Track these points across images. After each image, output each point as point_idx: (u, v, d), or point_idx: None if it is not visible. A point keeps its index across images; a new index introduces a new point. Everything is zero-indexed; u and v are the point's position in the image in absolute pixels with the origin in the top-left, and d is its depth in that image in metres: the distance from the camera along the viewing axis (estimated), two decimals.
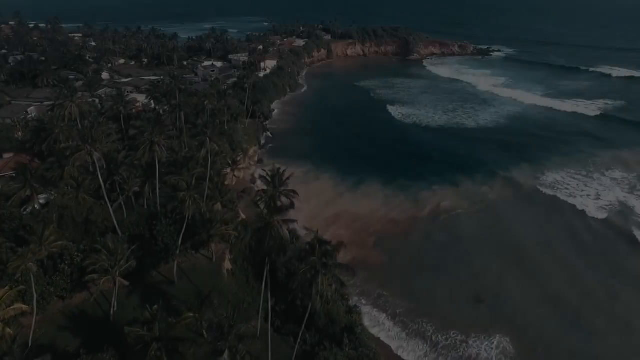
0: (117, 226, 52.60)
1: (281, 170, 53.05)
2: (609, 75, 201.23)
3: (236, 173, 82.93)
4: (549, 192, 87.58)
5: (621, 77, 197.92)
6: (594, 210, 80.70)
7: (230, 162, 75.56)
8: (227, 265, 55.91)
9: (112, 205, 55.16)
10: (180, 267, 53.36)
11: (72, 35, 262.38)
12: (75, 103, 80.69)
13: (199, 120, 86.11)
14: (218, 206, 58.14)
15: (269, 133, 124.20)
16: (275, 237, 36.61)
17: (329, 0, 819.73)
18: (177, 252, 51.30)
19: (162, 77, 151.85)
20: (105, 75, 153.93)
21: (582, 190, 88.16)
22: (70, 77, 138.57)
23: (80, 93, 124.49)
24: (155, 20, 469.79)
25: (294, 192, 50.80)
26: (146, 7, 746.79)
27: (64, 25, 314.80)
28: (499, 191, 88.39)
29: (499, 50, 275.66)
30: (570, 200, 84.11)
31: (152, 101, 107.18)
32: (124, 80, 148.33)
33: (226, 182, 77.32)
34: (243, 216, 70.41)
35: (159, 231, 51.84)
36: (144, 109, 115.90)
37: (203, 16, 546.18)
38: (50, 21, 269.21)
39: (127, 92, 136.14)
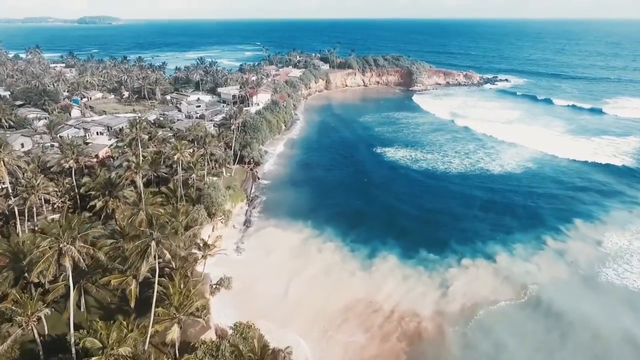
0: None
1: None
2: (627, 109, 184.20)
3: (215, 243, 63.49)
4: (619, 269, 68.27)
5: None
6: None
7: (200, 244, 56.05)
8: None
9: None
10: None
11: (54, 65, 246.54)
12: (2, 159, 61.71)
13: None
14: (174, 332, 38.55)
15: (260, 180, 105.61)
16: None
17: (327, 29, 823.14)
18: None
19: (139, 115, 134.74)
20: (75, 112, 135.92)
21: None
22: (31, 115, 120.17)
23: (38, 136, 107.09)
24: (148, 49, 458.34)
25: None
26: (140, 36, 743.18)
27: (47, 55, 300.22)
28: (549, 270, 68.69)
29: (505, 80, 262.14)
30: None
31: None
32: (96, 118, 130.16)
33: (197, 267, 58.03)
34: (216, 324, 50.82)
35: None
36: (112, 156, 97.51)
37: (197, 44, 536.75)
38: (30, 50, 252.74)
39: (97, 132, 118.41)
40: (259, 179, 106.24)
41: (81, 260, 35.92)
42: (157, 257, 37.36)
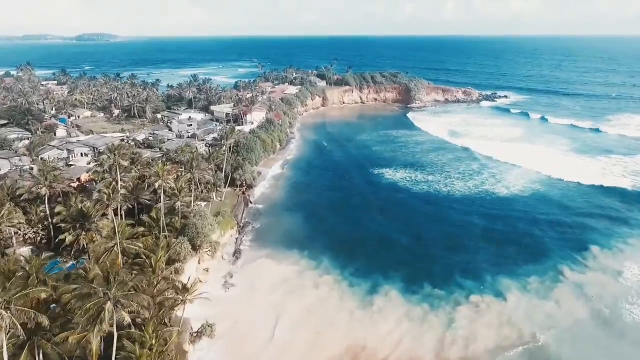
0: None
1: None
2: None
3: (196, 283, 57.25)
4: None
5: None
6: None
7: (180, 286, 49.66)
8: None
9: None
10: None
11: (46, 82, 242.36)
12: None
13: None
14: None
15: (253, 205, 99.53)
16: None
17: (325, 46, 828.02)
18: None
19: (127, 135, 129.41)
20: (61, 132, 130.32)
21: None
22: (12, 136, 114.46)
23: (17, 158, 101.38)
24: (144, 66, 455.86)
25: None
26: (136, 53, 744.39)
27: (40, 72, 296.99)
28: (569, 307, 62.23)
29: (505, 97, 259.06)
30: None
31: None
32: (82, 138, 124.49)
33: (177, 312, 51.57)
34: None
35: None
36: (95, 180, 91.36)
37: (194, 61, 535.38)
38: (22, 68, 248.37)
39: (82, 154, 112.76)
40: (251, 203, 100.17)
41: (19, 328, 29.75)
42: (114, 320, 31.11)
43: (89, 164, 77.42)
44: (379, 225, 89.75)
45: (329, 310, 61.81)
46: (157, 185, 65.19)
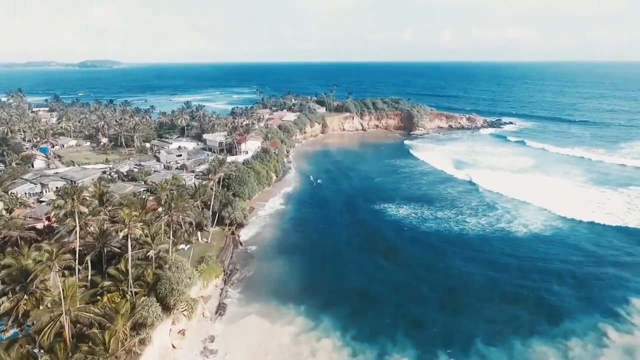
0: None
1: None
2: None
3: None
4: None
5: None
6: None
7: None
8: None
9: None
10: None
11: (37, 109, 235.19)
12: None
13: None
14: None
15: (244, 247, 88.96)
16: None
17: (324, 72, 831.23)
18: None
19: (110, 167, 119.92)
20: (39, 163, 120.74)
21: None
22: None
23: None
24: (142, 92, 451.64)
25: None
26: (135, 79, 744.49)
27: (35, 99, 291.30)
28: None
29: (510, 123, 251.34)
30: None
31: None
32: (60, 170, 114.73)
33: None
34: None
35: None
36: (63, 218, 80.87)
37: (192, 87, 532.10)
38: (12, 94, 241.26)
39: (57, 188, 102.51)
40: (241, 244, 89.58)
41: None
42: None
43: (48, 204, 67.24)
44: (385, 273, 78.78)
45: None
46: (121, 235, 54.81)
